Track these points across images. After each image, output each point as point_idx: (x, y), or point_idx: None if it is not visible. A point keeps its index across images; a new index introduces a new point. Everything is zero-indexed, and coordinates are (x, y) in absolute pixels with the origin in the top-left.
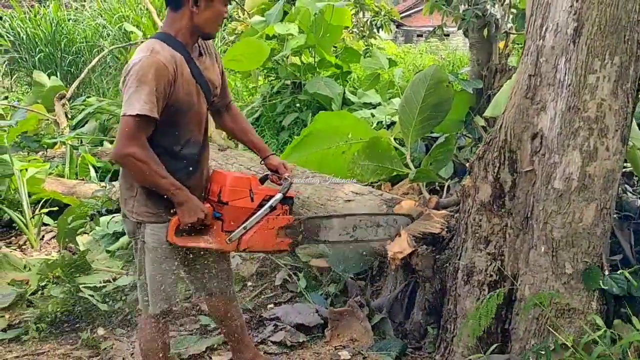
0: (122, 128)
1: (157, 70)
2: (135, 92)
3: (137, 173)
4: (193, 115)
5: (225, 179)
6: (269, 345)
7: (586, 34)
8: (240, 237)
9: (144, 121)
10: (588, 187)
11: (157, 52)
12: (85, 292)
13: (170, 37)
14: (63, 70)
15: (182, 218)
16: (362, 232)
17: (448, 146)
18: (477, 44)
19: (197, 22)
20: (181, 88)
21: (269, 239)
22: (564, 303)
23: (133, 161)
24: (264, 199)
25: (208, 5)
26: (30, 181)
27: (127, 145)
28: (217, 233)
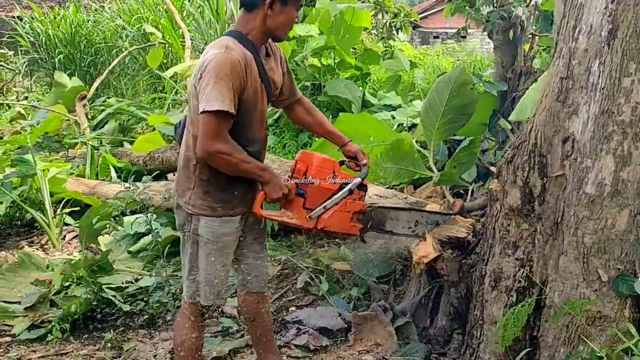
0: (204, 125)
1: (233, 67)
2: (214, 88)
3: (225, 166)
4: (258, 114)
5: (312, 159)
6: (292, 349)
7: (621, 36)
8: (320, 216)
9: (223, 117)
10: (621, 193)
11: (232, 49)
12: (108, 293)
13: (242, 35)
14: (82, 71)
15: (269, 194)
16: (422, 228)
17: (472, 149)
18: (502, 46)
19: (269, 25)
20: (250, 86)
21: (344, 222)
22: (595, 310)
23: (220, 156)
24: (345, 183)
25: (282, 9)
26: (52, 181)
27: (212, 143)
28: (298, 209)
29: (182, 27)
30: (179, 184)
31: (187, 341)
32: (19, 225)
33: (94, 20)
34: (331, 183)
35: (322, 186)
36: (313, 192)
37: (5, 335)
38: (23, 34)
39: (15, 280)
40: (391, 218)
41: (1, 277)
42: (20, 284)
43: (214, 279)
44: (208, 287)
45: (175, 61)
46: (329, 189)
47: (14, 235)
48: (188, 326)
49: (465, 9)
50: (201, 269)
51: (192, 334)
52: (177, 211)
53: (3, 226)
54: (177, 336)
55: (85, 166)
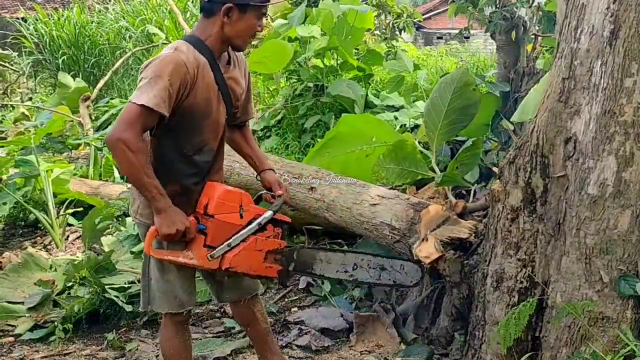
0: (124, 113)
1: (175, 68)
2: (148, 84)
3: (124, 162)
4: (210, 123)
5: (215, 191)
6: (294, 349)
7: (623, 37)
8: (224, 255)
9: (147, 113)
10: (623, 193)
11: (182, 51)
12: (110, 293)
13: (199, 41)
14: (86, 72)
15: (160, 228)
16: (364, 273)
17: (475, 150)
18: (505, 47)
19: (227, 33)
20: (200, 92)
21: (255, 262)
22: (597, 311)
23: (123, 148)
24: (254, 218)
25: (240, 17)
26: (56, 182)
27: (123, 130)
28: (198, 247)
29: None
30: (131, 193)
31: (174, 352)
32: (22, 226)
33: (98, 21)
34: (237, 218)
35: (225, 221)
36: (215, 227)
37: (9, 335)
38: (27, 35)
39: (19, 280)
40: (320, 260)
41: (5, 278)
42: (24, 284)
43: (167, 290)
44: (162, 298)
45: None
46: (234, 225)
47: (17, 235)
48: (170, 338)
49: (468, 10)
50: (153, 280)
51: (176, 345)
52: (134, 221)
53: (7, 227)
54: (163, 349)
55: (88, 167)
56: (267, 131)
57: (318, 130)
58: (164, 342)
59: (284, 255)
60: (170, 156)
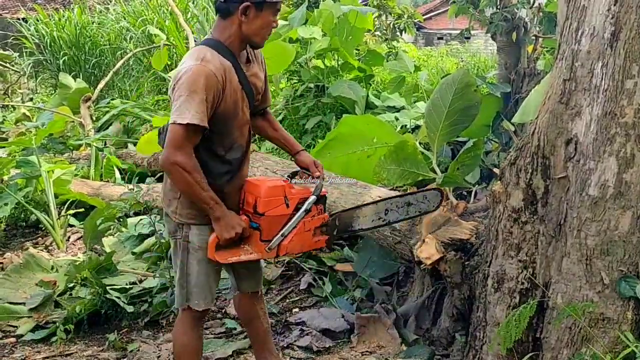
0: (171, 136)
1: (208, 80)
2: (186, 101)
3: (181, 182)
4: (239, 122)
5: (260, 190)
6: (295, 350)
7: (624, 39)
8: (279, 244)
9: (193, 130)
10: (624, 195)
11: (208, 60)
12: (112, 294)
13: (220, 44)
14: (86, 72)
15: (221, 234)
16: (394, 214)
17: (476, 151)
18: (505, 48)
19: (245, 31)
20: (229, 96)
21: (306, 241)
22: (598, 312)
23: (179, 170)
24: (299, 203)
25: (257, 15)
26: (57, 182)
27: (175, 153)
28: (256, 242)
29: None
30: (165, 194)
31: (187, 347)
32: (23, 227)
33: (99, 22)
34: (284, 209)
35: (275, 215)
36: (267, 223)
37: (10, 336)
38: (28, 35)
39: (20, 281)
40: (358, 216)
41: (6, 278)
42: (25, 285)
43: (206, 284)
44: (199, 293)
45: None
46: (283, 215)
47: (18, 236)
48: (186, 332)
49: (469, 10)
50: (192, 276)
51: (191, 340)
52: (165, 219)
53: (8, 227)
54: (177, 343)
55: (89, 168)
56: None
57: (319, 131)
58: (179, 336)
59: (329, 225)
60: (203, 158)
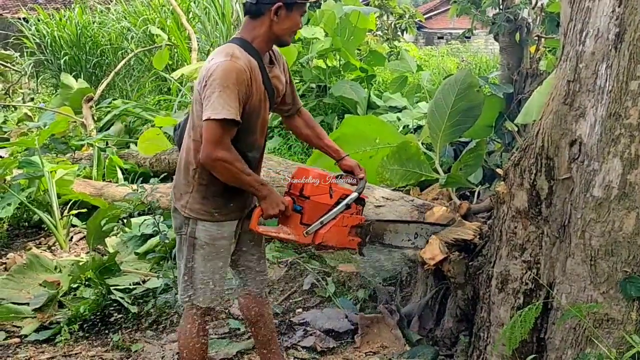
0: (209, 133)
1: (239, 75)
2: (219, 97)
3: (225, 175)
4: (260, 121)
5: (309, 174)
6: (299, 350)
7: (628, 40)
8: (317, 231)
9: (229, 125)
10: (629, 195)
11: (238, 57)
12: (115, 294)
13: (247, 43)
14: (87, 72)
15: (266, 210)
16: (422, 240)
17: (479, 151)
18: (508, 48)
19: (275, 31)
20: (255, 94)
21: (342, 236)
22: (602, 313)
23: (223, 164)
24: (341, 197)
25: (288, 15)
26: (59, 183)
27: (216, 150)
28: (295, 225)
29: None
30: (177, 187)
31: (192, 345)
32: (26, 227)
33: (100, 22)
34: (327, 198)
35: (319, 202)
36: (310, 207)
37: (14, 337)
38: (29, 35)
39: (24, 281)
40: (390, 231)
41: (10, 279)
42: (29, 285)
43: (210, 281)
44: (204, 290)
45: (181, 63)
46: (326, 205)
47: (21, 236)
48: (192, 330)
49: (471, 11)
50: (197, 272)
51: (197, 338)
52: (173, 214)
53: (11, 227)
54: (182, 340)
55: (92, 168)
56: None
57: None
58: (184, 334)
59: (363, 228)
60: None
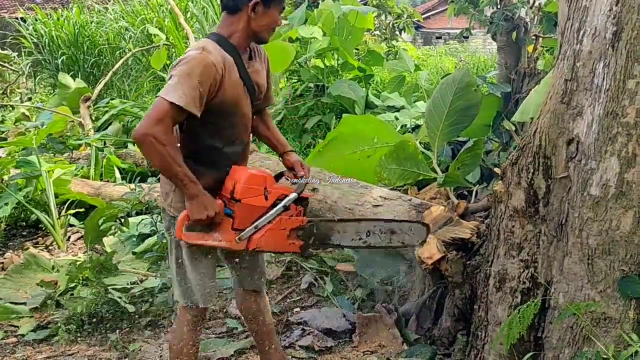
0: (153, 108)
1: (205, 68)
2: (178, 82)
3: (153, 155)
4: (241, 117)
5: (240, 176)
6: (297, 350)
7: (626, 38)
8: (251, 236)
9: (176, 110)
10: (626, 194)
11: (209, 51)
12: (113, 294)
13: (224, 39)
14: (85, 72)
15: (191, 213)
16: (376, 238)
17: (476, 150)
18: (506, 47)
19: (253, 27)
20: (228, 90)
21: (280, 240)
22: (599, 312)
23: (153, 142)
24: (279, 198)
25: (265, 11)
26: (57, 182)
27: (152, 125)
28: (226, 230)
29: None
30: (162, 187)
31: (185, 346)
32: (24, 227)
33: (97, 21)
34: (262, 200)
35: (252, 204)
36: (242, 211)
37: (12, 336)
38: (26, 35)
39: (21, 281)
40: (337, 231)
41: (7, 278)
42: (26, 285)
43: (201, 281)
44: (200, 290)
45: None
46: (260, 207)
47: (19, 236)
48: (186, 331)
49: (468, 10)
50: (189, 272)
51: (190, 339)
52: (162, 214)
53: (8, 227)
54: (175, 341)
55: (89, 167)
56: None
57: (319, 130)
58: (177, 335)
59: (305, 230)
60: (203, 150)
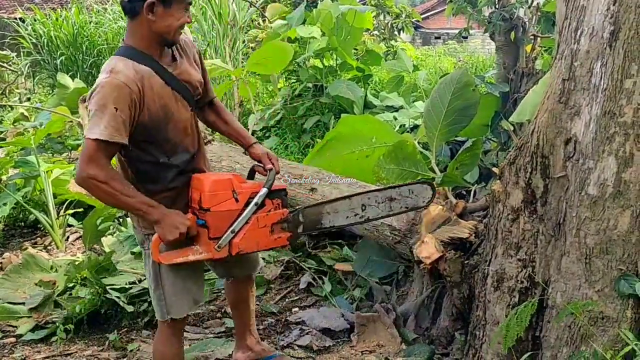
0: (83, 150)
1: (118, 93)
2: (96, 116)
3: (101, 195)
4: (174, 124)
5: (203, 184)
6: (295, 349)
7: (623, 38)
8: (231, 241)
9: (104, 145)
10: (623, 194)
11: (118, 71)
12: (112, 294)
13: (133, 50)
14: (84, 72)
15: (163, 236)
16: (374, 210)
17: (475, 150)
18: (504, 47)
19: (155, 30)
20: (152, 102)
21: (263, 238)
22: (597, 311)
23: (95, 183)
24: (250, 197)
25: (166, 11)
26: (56, 182)
27: (87, 167)
28: (204, 242)
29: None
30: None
31: (167, 355)
32: (22, 227)
33: (96, 21)
34: (233, 203)
35: (222, 210)
36: (214, 219)
37: (10, 336)
38: (25, 35)
39: (20, 281)
40: (327, 212)
41: (5, 278)
42: (25, 285)
43: (183, 290)
44: (178, 301)
45: None
46: (232, 211)
47: (17, 236)
48: (166, 342)
49: (466, 10)
50: (167, 286)
51: (172, 349)
52: (134, 231)
53: (6, 227)
54: (157, 353)
55: None
56: (266, 131)
57: (317, 130)
58: (159, 346)
59: (290, 221)
60: (147, 168)
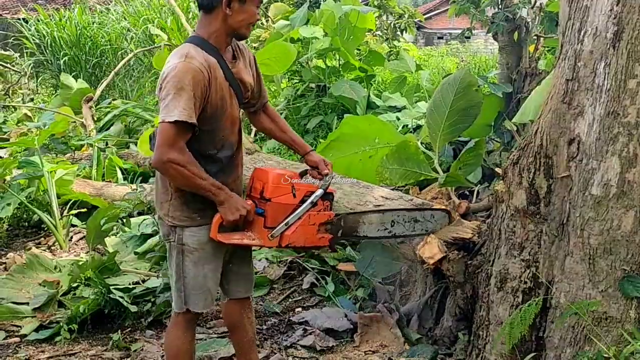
0: (160, 135)
1: (194, 76)
2: (174, 99)
3: (177, 178)
4: (227, 119)
5: (268, 176)
6: (299, 349)
7: (626, 38)
8: (283, 233)
9: (182, 127)
10: (627, 194)
11: (192, 57)
12: (115, 294)
13: (204, 41)
14: (87, 72)
15: (225, 216)
16: (400, 227)
17: (478, 150)
18: (507, 48)
19: (230, 24)
20: (215, 92)
21: (310, 235)
22: (601, 311)
23: (174, 167)
24: (306, 195)
25: (241, 7)
26: (59, 183)
27: (167, 151)
28: (259, 229)
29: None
30: (157, 197)
31: (181, 352)
32: (26, 227)
33: (99, 22)
34: (291, 198)
35: (281, 203)
36: (273, 210)
37: (14, 336)
38: (28, 36)
39: (24, 281)
40: (363, 222)
41: (9, 278)
42: (29, 285)
43: (203, 286)
44: (197, 295)
45: None
46: (289, 205)
47: (21, 236)
48: (180, 336)
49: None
50: (189, 278)
51: (185, 343)
52: (159, 222)
53: (10, 227)
54: (169, 347)
55: (91, 168)
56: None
57: (320, 130)
58: (172, 340)
59: (334, 224)
60: (195, 157)
